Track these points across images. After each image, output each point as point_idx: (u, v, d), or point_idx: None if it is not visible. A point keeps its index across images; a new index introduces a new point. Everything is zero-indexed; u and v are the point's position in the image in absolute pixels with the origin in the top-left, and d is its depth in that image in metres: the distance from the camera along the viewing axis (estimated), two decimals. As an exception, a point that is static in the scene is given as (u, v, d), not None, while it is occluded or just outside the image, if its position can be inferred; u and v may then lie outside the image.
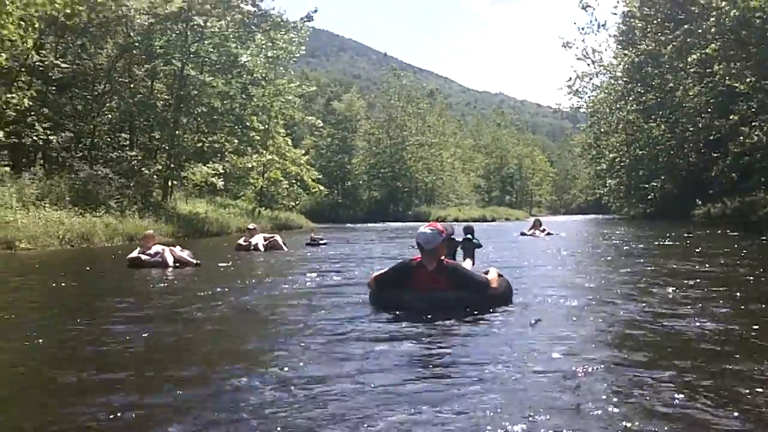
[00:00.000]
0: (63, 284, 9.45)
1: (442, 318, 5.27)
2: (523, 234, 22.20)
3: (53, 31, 25.53)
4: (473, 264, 7.20)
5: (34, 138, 25.20)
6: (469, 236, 14.03)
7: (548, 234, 21.79)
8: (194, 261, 11.99)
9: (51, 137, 26.06)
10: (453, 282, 5.84)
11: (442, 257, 6.06)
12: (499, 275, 6.36)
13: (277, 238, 16.87)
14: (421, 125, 76.44)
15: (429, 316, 5.33)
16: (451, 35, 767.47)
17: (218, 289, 8.11)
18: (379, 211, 67.53)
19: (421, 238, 5.94)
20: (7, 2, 15.50)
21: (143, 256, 11.87)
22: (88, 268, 12.89)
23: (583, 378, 3.55)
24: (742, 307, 6.09)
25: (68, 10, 21.23)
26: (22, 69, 24.73)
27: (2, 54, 17.18)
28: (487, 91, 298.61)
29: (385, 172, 73.85)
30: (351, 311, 5.97)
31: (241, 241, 16.65)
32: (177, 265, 11.75)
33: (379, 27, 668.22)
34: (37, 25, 19.35)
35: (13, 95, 21.38)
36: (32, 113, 24.88)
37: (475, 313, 5.53)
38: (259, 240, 16.24)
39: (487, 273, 6.33)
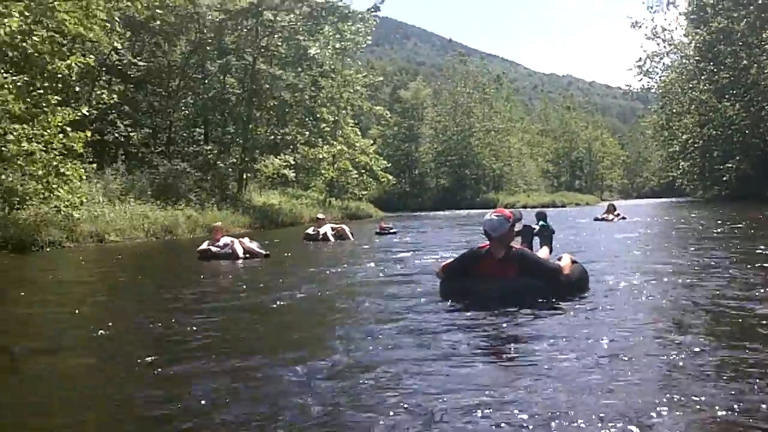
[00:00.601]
0: (140, 276, 10.29)
1: (511, 306, 5.18)
2: (596, 219, 22.07)
3: (129, 30, 26.47)
4: (551, 251, 6.98)
5: (116, 135, 26.34)
6: (542, 222, 14.00)
7: (622, 218, 21.59)
8: (263, 252, 12.12)
9: (132, 134, 27.21)
10: (522, 269, 5.68)
11: (511, 244, 5.92)
12: (573, 261, 6.18)
13: (345, 227, 17.04)
14: (487, 111, 76.05)
15: (498, 305, 5.24)
16: (516, 18, 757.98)
17: (287, 280, 8.28)
18: (447, 199, 67.56)
19: (487, 225, 5.82)
20: (94, 5, 16.25)
21: (213, 248, 12.05)
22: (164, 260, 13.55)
23: (647, 371, 3.42)
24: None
25: (148, 12, 22.04)
26: (103, 68, 25.79)
27: (91, 56, 17.97)
28: (555, 74, 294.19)
29: (453, 159, 73.77)
30: (418, 301, 5.95)
31: (309, 231, 16.84)
32: (247, 256, 11.91)
33: (442, 12, 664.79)
34: (119, 29, 20.21)
35: (102, 92, 22.37)
36: (113, 111, 25.98)
37: (547, 301, 5.42)
38: (327, 230, 16.35)
39: (560, 260, 6.16)
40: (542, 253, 6.69)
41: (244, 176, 32.77)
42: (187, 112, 32.56)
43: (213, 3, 29.53)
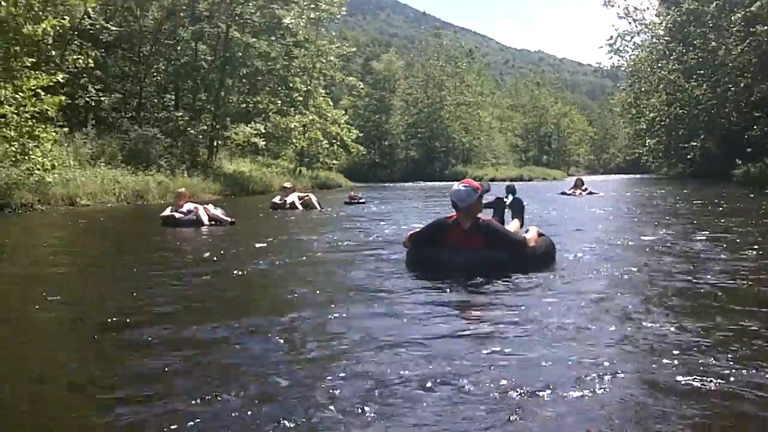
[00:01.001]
0: (104, 241, 10.50)
1: (474, 278, 5.16)
2: (564, 193, 22.13)
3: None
4: (522, 224, 6.90)
5: (87, 99, 26.13)
6: (512, 195, 14.33)
7: (590, 193, 21.70)
8: (228, 219, 11.88)
9: (102, 98, 27.01)
10: (487, 240, 5.62)
11: (479, 215, 5.86)
12: (540, 234, 6.18)
13: (312, 196, 16.92)
14: (459, 85, 76.38)
15: (462, 276, 5.22)
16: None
17: (251, 248, 8.14)
18: (416, 171, 67.98)
19: (455, 196, 5.74)
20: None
21: (177, 214, 11.81)
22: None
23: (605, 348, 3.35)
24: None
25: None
26: (75, 32, 25.51)
27: (65, 18, 17.84)
28: (526, 49, 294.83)
29: (423, 131, 74.10)
30: (383, 270, 5.94)
31: (276, 199, 16.77)
32: (212, 223, 11.68)
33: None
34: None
35: (79, 57, 22.19)
36: (84, 75, 25.75)
37: (511, 273, 5.33)
38: (293, 198, 16.28)
39: (527, 232, 6.14)
40: (513, 225, 6.66)
41: (215, 143, 32.72)
42: (159, 78, 32.25)
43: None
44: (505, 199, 13.90)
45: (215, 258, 7.40)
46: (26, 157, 16.55)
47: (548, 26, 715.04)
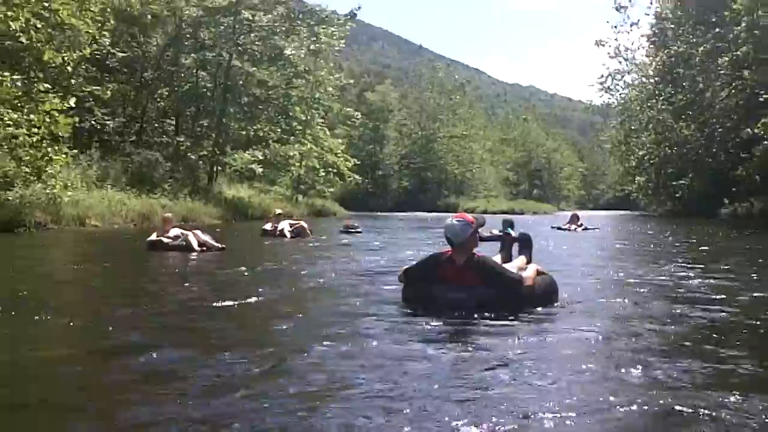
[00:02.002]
0: (101, 263, 10.19)
1: (468, 314, 5.03)
2: (559, 228, 21.89)
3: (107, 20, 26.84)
4: (529, 260, 6.55)
5: (92, 122, 26.77)
6: (509, 230, 14.56)
7: (585, 229, 21.59)
8: (218, 245, 11.76)
9: (107, 122, 27.68)
10: (482, 277, 5.41)
11: (474, 251, 5.61)
12: (540, 273, 5.88)
13: (303, 224, 16.73)
14: (451, 117, 77.40)
15: (455, 313, 5.07)
16: (481, 27, 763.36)
17: (241, 277, 8.12)
18: (409, 201, 68.48)
19: (449, 231, 5.52)
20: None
21: (165, 239, 11.65)
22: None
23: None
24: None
25: (140, 8, 22.55)
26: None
27: (86, 48, 18.56)
28: (518, 84, 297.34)
29: (416, 162, 74.90)
30: (375, 305, 5.70)
31: (266, 226, 16.59)
32: (203, 249, 11.47)
33: (409, 17, 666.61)
34: (112, 21, 20.81)
35: (97, 88, 22.93)
36: (90, 99, 26.39)
37: (507, 312, 5.10)
38: (285, 226, 16.10)
39: (524, 270, 5.85)
40: (519, 261, 6.46)
41: (215, 169, 33.37)
42: (162, 104, 32.91)
43: (192, -2, 30.15)
44: (510, 233, 14.27)
45: (202, 286, 7.35)
46: (39, 178, 17.12)
47: (540, 62, 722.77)
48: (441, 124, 75.51)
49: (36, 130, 16.84)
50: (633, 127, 54.32)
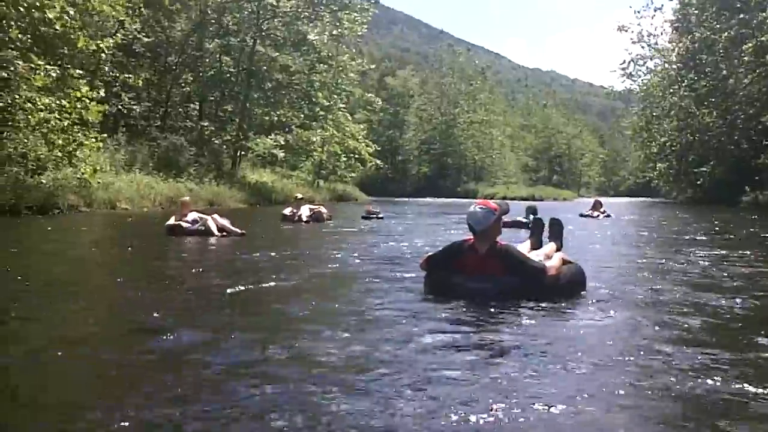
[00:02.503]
0: (126, 246, 10.31)
1: (488, 305, 4.82)
2: (582, 215, 21.16)
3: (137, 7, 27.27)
4: (559, 248, 6.38)
5: (120, 107, 27.23)
6: (533, 216, 14.63)
7: (608, 216, 20.99)
8: (238, 230, 11.58)
9: (134, 107, 28.14)
10: (504, 266, 5.22)
11: (497, 239, 5.44)
12: (567, 262, 5.70)
13: (322, 209, 16.68)
14: (472, 103, 77.39)
15: (476, 302, 4.90)
16: (502, 11, 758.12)
17: (262, 263, 7.92)
18: (428, 187, 68.97)
19: (471, 218, 5.37)
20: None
21: (184, 224, 11.53)
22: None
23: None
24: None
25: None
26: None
27: (117, 34, 18.95)
28: (539, 68, 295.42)
29: (436, 148, 75.18)
30: (394, 293, 5.54)
31: (286, 211, 16.38)
32: (224, 234, 11.36)
33: (429, 0, 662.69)
34: (143, 9, 21.22)
35: (129, 76, 23.33)
36: (117, 84, 26.82)
37: (533, 302, 4.93)
38: (304, 211, 15.94)
39: (550, 258, 5.75)
40: (547, 248, 6.26)
41: (239, 154, 33.78)
42: (187, 89, 33.30)
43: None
44: (539, 219, 14.24)
45: (223, 271, 7.31)
46: (70, 162, 17.57)
47: (561, 46, 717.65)
48: (461, 110, 75.48)
49: (67, 115, 17.26)
50: (655, 114, 53.90)
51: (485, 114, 77.68)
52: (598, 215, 20.86)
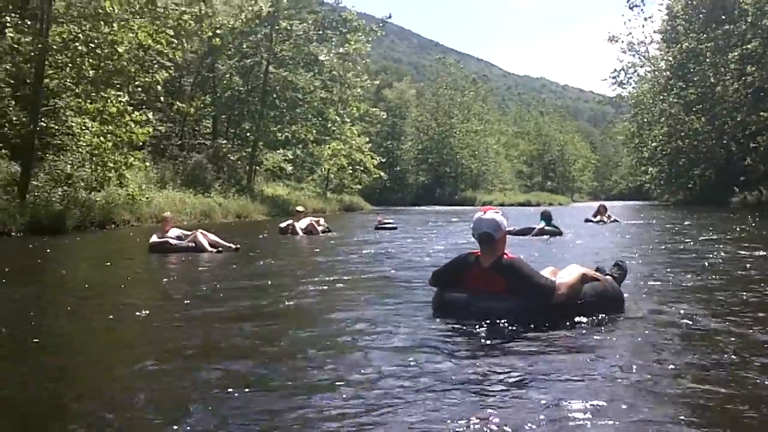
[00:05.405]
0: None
1: (495, 324, 4.57)
2: (587, 220, 20.84)
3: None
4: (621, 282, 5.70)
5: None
6: (545, 222, 15.80)
7: (614, 221, 20.58)
8: (232, 245, 11.27)
9: (159, 127, 29.83)
10: (509, 282, 4.81)
11: (503, 252, 5.01)
12: (590, 279, 5.06)
13: (314, 222, 16.31)
14: (466, 113, 79.15)
15: (483, 322, 4.59)
16: (491, 19, 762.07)
17: (257, 280, 7.64)
18: (426, 195, 70.74)
19: (485, 226, 4.98)
20: (162, 23, 19.11)
21: (172, 241, 11.12)
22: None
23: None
24: None
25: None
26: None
27: (171, 68, 20.77)
28: (529, 75, 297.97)
29: (433, 157, 76.81)
30: (404, 312, 5.25)
31: (282, 224, 16.22)
32: (220, 250, 11.04)
33: (419, 11, 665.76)
34: (186, 43, 23.02)
35: (183, 105, 26.51)
36: (144, 106, 28.47)
37: (535, 321, 4.58)
38: (303, 224, 15.85)
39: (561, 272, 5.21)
40: (571, 269, 5.21)
41: (254, 168, 35.60)
42: (210, 109, 34.90)
43: (230, 9, 32.32)
44: (545, 227, 15.28)
45: (222, 290, 6.93)
46: (121, 182, 19.38)
47: (550, 53, 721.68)
48: (457, 120, 77.23)
49: (117, 139, 19.03)
50: (645, 120, 55.70)
51: (479, 124, 79.34)
52: (603, 221, 20.40)
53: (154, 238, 11.14)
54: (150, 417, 2.90)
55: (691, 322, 4.74)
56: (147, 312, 5.42)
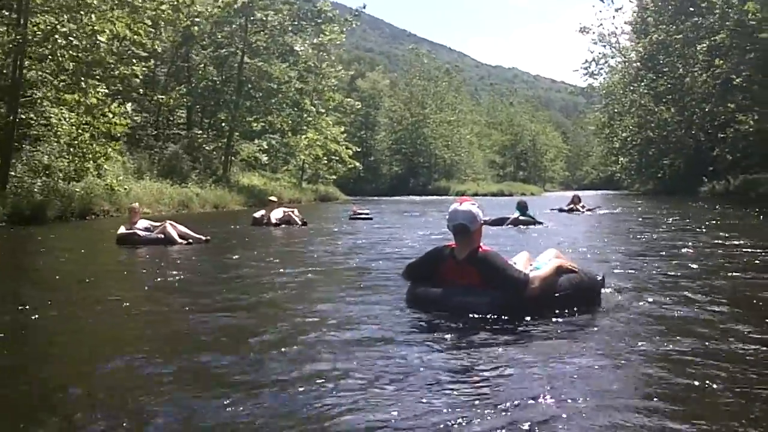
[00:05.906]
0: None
1: (470, 317, 4.54)
2: (561, 210, 20.70)
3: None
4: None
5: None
6: (519, 212, 16.08)
7: (589, 210, 20.62)
8: (202, 237, 11.07)
9: (135, 117, 29.74)
10: (482, 275, 4.75)
11: (479, 245, 4.93)
12: (565, 271, 4.98)
13: (295, 212, 16.16)
14: (439, 103, 79.48)
15: (459, 316, 4.55)
16: (463, 10, 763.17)
17: (227, 273, 7.65)
18: (400, 185, 70.97)
19: (463, 218, 4.90)
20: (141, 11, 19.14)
21: (140, 232, 10.86)
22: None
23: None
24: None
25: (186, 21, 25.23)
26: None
27: (151, 60, 20.73)
28: (501, 66, 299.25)
29: (406, 148, 77.05)
30: (370, 307, 5.12)
31: (256, 214, 15.92)
32: (190, 241, 10.83)
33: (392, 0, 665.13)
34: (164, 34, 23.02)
35: (162, 96, 26.71)
36: (119, 96, 28.40)
37: (509, 314, 4.54)
38: (275, 214, 15.57)
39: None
40: (548, 254, 5.40)
41: (229, 159, 35.64)
42: (185, 99, 34.82)
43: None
44: (521, 217, 15.58)
45: (195, 284, 6.93)
46: (98, 173, 19.44)
47: (522, 43, 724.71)
48: (430, 110, 77.48)
49: (94, 130, 19.07)
50: (616, 111, 56.51)
51: (452, 114, 79.68)
52: (577, 210, 20.35)
53: (122, 230, 10.84)
54: (114, 413, 2.87)
55: (666, 312, 4.78)
56: (112, 307, 5.44)
